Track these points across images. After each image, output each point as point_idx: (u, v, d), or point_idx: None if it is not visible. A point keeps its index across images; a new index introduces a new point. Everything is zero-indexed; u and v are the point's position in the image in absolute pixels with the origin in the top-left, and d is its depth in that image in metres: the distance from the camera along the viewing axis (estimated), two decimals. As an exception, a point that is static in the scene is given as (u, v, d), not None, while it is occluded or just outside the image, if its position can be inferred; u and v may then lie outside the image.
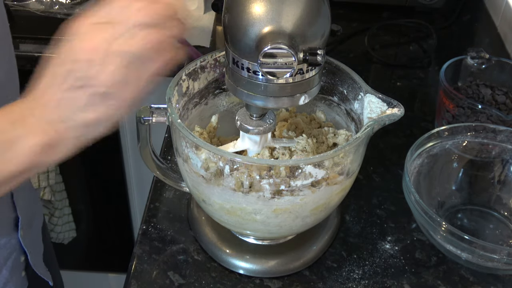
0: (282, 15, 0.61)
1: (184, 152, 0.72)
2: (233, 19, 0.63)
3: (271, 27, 0.61)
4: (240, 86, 0.67)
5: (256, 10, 0.61)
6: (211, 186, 0.71)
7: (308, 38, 0.62)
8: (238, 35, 0.63)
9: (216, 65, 0.80)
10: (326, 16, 0.64)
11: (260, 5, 0.61)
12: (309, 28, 0.62)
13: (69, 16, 1.20)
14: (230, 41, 0.65)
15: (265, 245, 0.82)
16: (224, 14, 0.65)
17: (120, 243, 1.66)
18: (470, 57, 1.01)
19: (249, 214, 0.71)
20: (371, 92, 0.73)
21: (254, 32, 0.62)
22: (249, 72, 0.65)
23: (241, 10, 0.62)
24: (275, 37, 0.60)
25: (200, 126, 0.81)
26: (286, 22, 0.61)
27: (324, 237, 0.84)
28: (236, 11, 0.63)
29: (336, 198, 0.74)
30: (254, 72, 0.65)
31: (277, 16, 0.61)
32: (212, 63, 0.79)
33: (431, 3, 1.35)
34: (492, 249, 0.74)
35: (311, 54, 0.61)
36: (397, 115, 0.71)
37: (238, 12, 0.62)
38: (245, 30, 0.62)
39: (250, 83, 0.66)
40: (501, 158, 0.91)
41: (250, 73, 0.65)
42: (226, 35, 0.65)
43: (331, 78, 0.80)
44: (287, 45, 0.60)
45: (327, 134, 0.80)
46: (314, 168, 0.68)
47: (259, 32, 0.61)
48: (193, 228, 0.86)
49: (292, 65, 0.61)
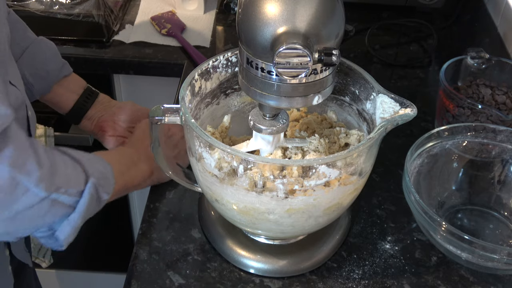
0: (296, 15, 0.61)
1: (197, 151, 0.72)
2: (247, 19, 0.63)
3: (286, 27, 0.61)
4: (253, 86, 0.67)
5: (271, 11, 0.62)
6: (225, 186, 0.71)
7: (323, 38, 0.63)
8: (252, 35, 0.63)
9: (228, 65, 0.80)
10: (341, 16, 0.64)
11: (275, 5, 0.61)
12: (324, 28, 0.62)
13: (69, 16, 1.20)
14: (245, 41, 0.65)
15: (276, 245, 0.82)
16: (238, 15, 0.65)
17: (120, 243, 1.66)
18: (470, 57, 1.01)
19: (262, 214, 0.71)
20: (383, 92, 0.74)
21: (269, 32, 0.62)
22: (263, 72, 0.65)
23: (256, 10, 0.62)
24: (290, 37, 0.61)
25: (211, 125, 0.82)
26: (301, 22, 0.61)
27: (335, 237, 0.84)
28: (250, 11, 0.63)
29: (348, 198, 0.75)
30: (268, 72, 0.65)
31: (292, 16, 0.61)
32: (224, 63, 0.80)
33: (431, 3, 1.35)
34: (492, 249, 0.74)
35: (326, 54, 0.61)
36: (410, 115, 0.71)
37: (253, 12, 0.63)
38: (260, 30, 0.62)
39: (263, 83, 0.66)
40: (501, 158, 0.91)
41: (264, 73, 0.65)
42: (240, 35, 0.65)
43: (343, 78, 0.80)
44: (302, 45, 0.60)
45: (338, 134, 0.80)
46: (328, 168, 0.68)
47: (274, 32, 0.62)
48: (204, 227, 0.86)
49: (307, 65, 0.61)
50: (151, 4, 1.36)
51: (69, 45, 1.22)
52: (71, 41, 1.23)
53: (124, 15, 1.32)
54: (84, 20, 1.20)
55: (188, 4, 1.34)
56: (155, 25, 1.28)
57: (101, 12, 1.22)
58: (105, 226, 1.64)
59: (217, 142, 0.67)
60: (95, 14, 1.21)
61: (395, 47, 1.31)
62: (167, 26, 1.27)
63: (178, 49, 1.24)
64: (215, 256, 0.83)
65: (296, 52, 0.60)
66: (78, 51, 1.22)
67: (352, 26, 1.30)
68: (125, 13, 1.33)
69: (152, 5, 1.36)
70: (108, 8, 1.24)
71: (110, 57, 1.21)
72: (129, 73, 1.23)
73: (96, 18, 1.21)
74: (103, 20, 1.22)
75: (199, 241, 0.85)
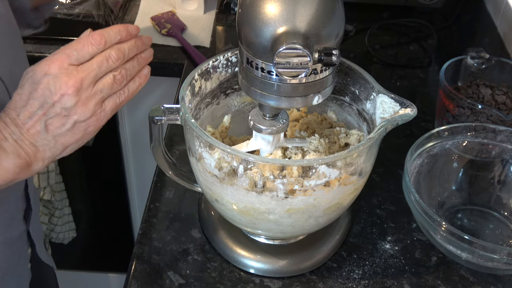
0: (296, 15, 0.61)
1: (197, 151, 0.72)
2: (247, 19, 0.63)
3: (286, 27, 0.61)
4: (253, 86, 0.67)
5: (270, 11, 0.61)
6: (225, 186, 0.71)
7: (323, 38, 0.62)
8: (252, 35, 0.63)
9: (228, 65, 0.80)
10: (341, 16, 0.64)
11: (275, 5, 0.61)
12: (323, 28, 0.62)
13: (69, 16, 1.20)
14: (245, 41, 0.65)
15: (276, 245, 0.83)
16: (238, 15, 0.65)
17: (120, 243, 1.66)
18: (470, 57, 1.01)
19: (262, 214, 0.71)
20: (383, 92, 0.74)
21: (269, 32, 0.62)
22: (263, 72, 0.65)
23: (256, 11, 0.62)
24: (290, 37, 0.61)
25: (212, 125, 0.82)
26: (301, 22, 0.61)
27: (335, 237, 0.84)
28: (250, 12, 0.63)
29: (348, 198, 0.75)
30: (268, 72, 0.65)
31: (292, 17, 0.61)
32: (224, 63, 0.80)
33: (431, 3, 1.35)
34: (492, 249, 0.74)
35: (326, 54, 0.61)
36: (410, 115, 0.71)
37: (253, 12, 0.62)
38: (260, 31, 0.62)
39: (263, 83, 0.66)
40: (501, 158, 0.91)
41: (264, 73, 0.65)
42: (240, 35, 0.65)
43: (343, 78, 0.80)
44: (302, 45, 0.60)
45: (338, 134, 0.80)
46: (328, 168, 0.68)
47: (274, 32, 0.62)
48: (204, 227, 0.86)
49: (307, 65, 0.61)
50: (151, 4, 1.36)
51: (69, 45, 1.22)
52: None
53: (124, 15, 1.32)
54: (84, 20, 1.20)
55: (188, 4, 1.34)
56: (155, 25, 1.28)
57: (101, 12, 1.22)
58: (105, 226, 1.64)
59: (217, 142, 0.67)
60: (95, 14, 1.21)
61: (395, 47, 1.31)
62: (167, 26, 1.27)
63: (178, 49, 1.24)
64: (215, 256, 0.83)
65: (296, 52, 0.60)
66: (78, 51, 1.21)
67: (352, 26, 1.30)
68: (125, 13, 1.33)
69: (152, 5, 1.36)
70: (108, 8, 1.24)
71: (110, 57, 1.21)
72: (129, 73, 1.23)
73: (96, 18, 1.21)
74: (103, 20, 1.22)
75: (199, 241, 0.85)
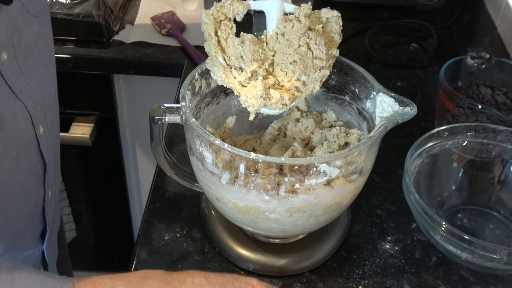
0: None
1: (198, 150, 0.72)
2: None
3: None
4: None
5: None
6: (225, 185, 0.71)
7: None
8: None
9: None
10: None
11: None
12: None
13: (69, 16, 1.20)
14: None
15: (276, 244, 0.82)
16: None
17: (120, 243, 1.66)
18: (470, 57, 1.01)
19: (263, 212, 0.72)
20: (383, 91, 0.74)
21: None
22: None
23: None
24: None
25: (212, 125, 0.82)
26: None
27: (335, 237, 0.84)
28: None
29: (349, 197, 0.75)
30: None
31: None
32: None
33: (431, 3, 1.35)
34: (492, 249, 0.74)
35: None
36: (410, 113, 0.71)
37: None
38: None
39: None
40: (501, 158, 0.91)
41: None
42: None
43: (343, 77, 0.80)
44: None
45: (339, 133, 0.80)
46: (329, 166, 0.68)
47: None
48: (204, 227, 0.86)
49: None
50: (151, 4, 1.36)
51: (69, 45, 1.22)
52: (71, 41, 1.23)
53: (124, 15, 1.32)
54: (84, 20, 1.20)
55: (188, 4, 1.34)
56: (155, 25, 1.28)
57: (101, 12, 1.22)
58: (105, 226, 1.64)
59: (218, 141, 0.67)
60: (95, 14, 1.21)
61: (395, 47, 1.31)
62: (167, 26, 1.27)
63: (178, 49, 1.24)
64: (215, 256, 0.83)
65: None
66: (78, 51, 1.22)
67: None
68: (125, 13, 1.33)
69: (152, 5, 1.36)
70: (108, 8, 1.24)
71: (110, 57, 1.21)
72: (129, 73, 1.23)
73: (96, 18, 1.21)
74: (103, 20, 1.22)
75: (199, 241, 0.85)
